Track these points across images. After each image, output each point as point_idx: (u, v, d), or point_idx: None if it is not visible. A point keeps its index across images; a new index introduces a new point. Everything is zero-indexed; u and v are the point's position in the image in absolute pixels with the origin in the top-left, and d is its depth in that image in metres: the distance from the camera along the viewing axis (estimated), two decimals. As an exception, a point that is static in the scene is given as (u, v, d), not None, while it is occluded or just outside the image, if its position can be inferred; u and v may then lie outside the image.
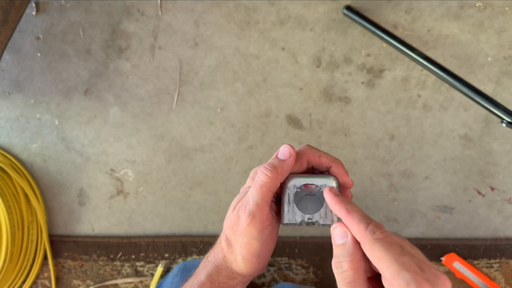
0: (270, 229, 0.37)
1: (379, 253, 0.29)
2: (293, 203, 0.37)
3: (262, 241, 0.36)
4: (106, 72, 0.84)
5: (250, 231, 0.36)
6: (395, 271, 0.28)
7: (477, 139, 0.83)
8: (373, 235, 0.30)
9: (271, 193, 0.36)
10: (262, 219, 0.36)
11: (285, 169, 0.36)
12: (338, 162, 0.38)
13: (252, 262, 0.37)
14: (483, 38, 0.81)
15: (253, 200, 0.35)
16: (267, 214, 0.36)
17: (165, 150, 0.85)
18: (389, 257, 0.28)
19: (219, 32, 0.83)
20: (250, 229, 0.35)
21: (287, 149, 0.37)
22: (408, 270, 0.28)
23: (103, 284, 0.85)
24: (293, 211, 0.37)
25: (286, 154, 0.37)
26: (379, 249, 0.29)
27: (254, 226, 0.35)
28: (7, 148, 0.85)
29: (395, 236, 0.33)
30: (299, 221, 0.37)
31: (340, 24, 0.82)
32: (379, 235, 0.29)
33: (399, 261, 0.28)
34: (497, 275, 0.84)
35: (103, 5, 0.83)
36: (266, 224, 0.36)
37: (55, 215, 0.85)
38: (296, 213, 0.37)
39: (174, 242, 0.84)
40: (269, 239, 0.37)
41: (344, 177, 0.38)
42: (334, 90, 0.83)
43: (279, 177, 0.36)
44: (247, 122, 0.84)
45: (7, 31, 0.69)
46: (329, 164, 0.38)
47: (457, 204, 0.84)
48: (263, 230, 0.36)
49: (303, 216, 0.37)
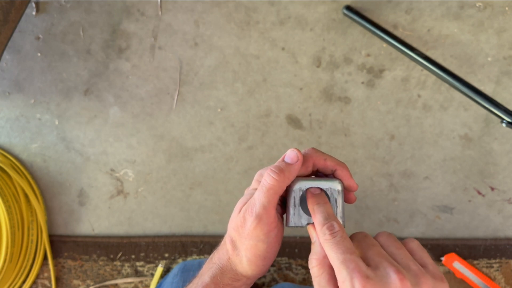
0: (276, 231, 0.37)
1: (328, 252, 0.32)
2: (298, 206, 0.37)
3: (268, 243, 0.37)
4: (106, 72, 0.84)
5: (257, 233, 0.36)
6: (337, 268, 0.31)
7: (477, 139, 0.83)
8: (323, 236, 0.33)
9: (278, 196, 0.36)
10: (269, 222, 0.36)
11: (292, 173, 0.37)
12: (343, 165, 0.39)
13: (257, 264, 0.38)
14: (483, 38, 0.81)
15: (260, 203, 0.36)
16: (273, 217, 0.36)
17: (165, 150, 0.85)
18: (333, 256, 0.31)
19: (219, 32, 0.83)
20: (256, 231, 0.36)
21: (294, 153, 0.37)
22: (347, 267, 0.30)
23: (103, 284, 0.85)
24: (298, 214, 0.37)
25: (293, 158, 0.37)
26: (327, 248, 0.32)
27: (260, 229, 0.36)
28: (7, 148, 0.85)
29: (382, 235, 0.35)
30: (305, 224, 0.37)
31: (340, 24, 0.82)
32: (328, 236, 0.33)
33: (341, 258, 0.31)
34: (497, 275, 0.84)
35: (103, 5, 0.83)
36: (272, 227, 0.36)
37: (55, 215, 0.85)
38: (302, 216, 0.37)
39: (174, 242, 0.84)
40: (274, 241, 0.37)
41: (349, 180, 0.38)
42: (334, 90, 0.83)
43: (286, 181, 0.36)
44: (247, 122, 0.84)
45: (7, 31, 0.69)
46: (335, 167, 0.38)
47: (457, 204, 0.84)
48: (269, 232, 0.36)
49: (308, 219, 0.37)
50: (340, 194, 0.37)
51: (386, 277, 0.30)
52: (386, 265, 0.31)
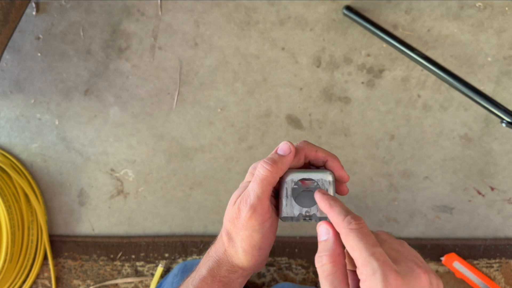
0: (271, 221, 0.38)
1: (352, 242, 0.31)
2: (291, 197, 0.38)
3: (263, 233, 0.37)
4: (106, 72, 0.84)
5: (251, 223, 0.37)
6: (364, 260, 0.29)
7: (477, 139, 0.83)
8: (348, 225, 0.32)
9: (271, 186, 0.37)
10: (263, 212, 0.37)
11: (285, 164, 0.38)
12: (334, 156, 0.40)
13: (253, 254, 0.38)
14: (483, 38, 0.81)
15: (254, 194, 0.36)
16: (267, 207, 0.37)
17: (165, 150, 0.85)
18: (361, 246, 0.30)
19: (219, 32, 0.83)
20: (251, 221, 0.37)
21: (287, 146, 0.38)
22: (378, 259, 0.29)
23: (103, 284, 0.85)
24: (291, 204, 0.38)
25: (285, 150, 0.38)
26: (352, 238, 0.31)
27: (255, 219, 0.36)
28: (7, 148, 0.85)
29: (384, 233, 0.35)
30: (297, 215, 0.38)
31: (340, 24, 0.82)
32: (354, 226, 0.31)
33: (370, 250, 0.30)
34: (497, 275, 0.84)
35: (103, 5, 0.83)
36: (267, 217, 0.37)
37: (55, 215, 0.85)
38: (294, 206, 0.38)
39: (174, 242, 0.84)
40: (269, 231, 0.38)
41: (340, 171, 0.39)
42: (334, 90, 0.83)
43: (279, 171, 0.37)
44: (247, 122, 0.84)
45: (7, 31, 0.69)
46: (325, 158, 0.39)
47: (457, 204, 0.84)
48: (263, 222, 0.37)
49: (300, 209, 0.38)
50: (331, 184, 0.38)
51: (411, 271, 0.30)
52: (406, 260, 0.31)
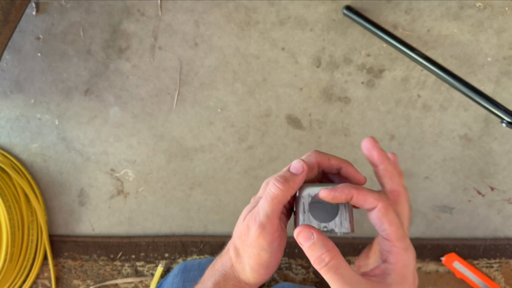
0: (279, 241, 0.37)
1: (392, 217, 0.33)
2: (308, 212, 0.37)
3: (271, 252, 0.37)
4: (106, 72, 0.84)
5: (260, 242, 0.36)
6: (401, 236, 0.33)
7: (477, 139, 0.83)
8: (388, 200, 0.35)
9: (282, 205, 0.36)
10: (272, 231, 0.36)
11: (297, 183, 0.37)
12: (347, 162, 0.39)
13: (260, 272, 0.38)
14: (482, 38, 0.81)
15: (264, 212, 0.36)
16: (276, 226, 0.36)
17: (165, 150, 0.85)
18: (397, 223, 0.33)
19: (219, 32, 0.83)
20: (259, 240, 0.36)
21: (300, 164, 0.37)
22: (408, 237, 0.34)
23: (103, 284, 0.85)
24: (308, 220, 0.37)
25: (298, 168, 0.37)
26: (392, 213, 0.34)
27: (263, 238, 0.36)
28: (7, 148, 0.85)
29: None
30: None
31: (340, 24, 0.82)
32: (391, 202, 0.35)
33: (403, 228, 0.34)
34: (497, 275, 0.84)
35: (103, 5, 0.83)
36: (275, 236, 0.36)
37: (55, 215, 0.85)
38: (312, 222, 0.37)
39: (174, 242, 0.84)
40: (277, 250, 0.37)
41: (356, 175, 0.39)
42: (334, 90, 0.83)
43: (291, 190, 0.36)
44: (247, 122, 0.84)
45: (7, 31, 0.69)
46: (339, 165, 0.39)
47: (457, 204, 0.84)
48: (272, 242, 0.36)
49: (318, 224, 0.37)
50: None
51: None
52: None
